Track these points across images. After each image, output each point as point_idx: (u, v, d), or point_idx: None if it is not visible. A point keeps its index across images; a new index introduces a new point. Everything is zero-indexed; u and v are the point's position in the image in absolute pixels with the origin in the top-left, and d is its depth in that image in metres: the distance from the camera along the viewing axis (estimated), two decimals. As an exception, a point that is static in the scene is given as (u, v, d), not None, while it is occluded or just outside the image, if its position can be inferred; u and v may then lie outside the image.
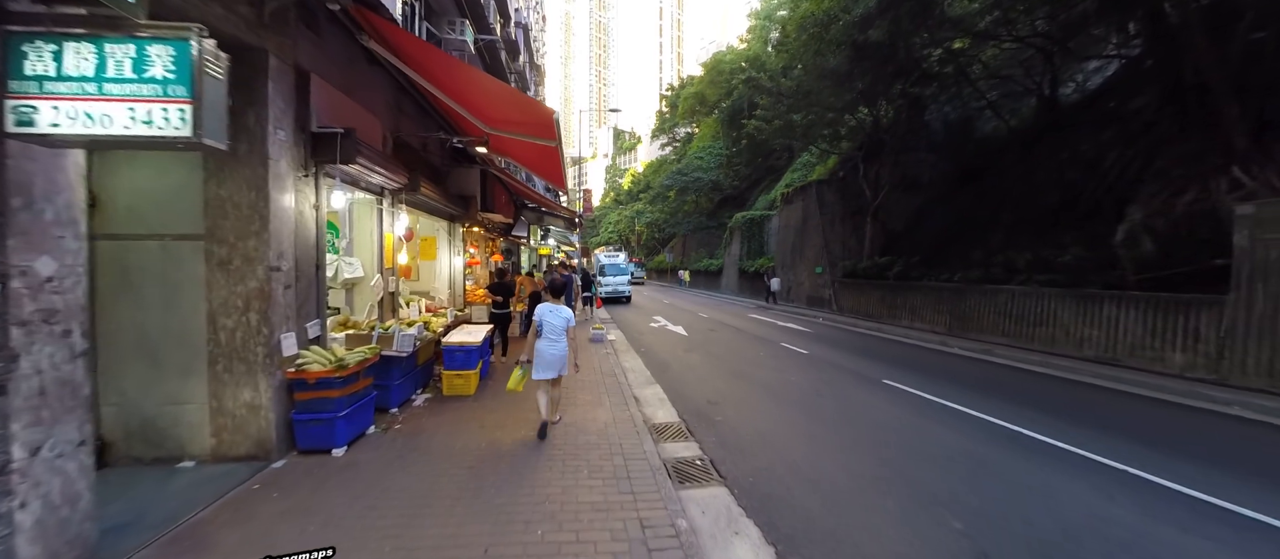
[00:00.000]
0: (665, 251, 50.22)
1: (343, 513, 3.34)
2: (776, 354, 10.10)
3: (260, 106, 3.99)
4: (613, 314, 17.70)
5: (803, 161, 30.07)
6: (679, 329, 13.77)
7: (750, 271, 26.78)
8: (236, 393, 4.02)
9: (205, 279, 4.00)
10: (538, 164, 8.94)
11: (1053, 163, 13.96)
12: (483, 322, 9.49)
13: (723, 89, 42.58)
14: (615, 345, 10.67)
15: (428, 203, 7.70)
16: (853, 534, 3.35)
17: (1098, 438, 5.14)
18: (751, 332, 13.45)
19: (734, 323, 15.36)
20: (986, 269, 12.42)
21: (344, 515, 3.31)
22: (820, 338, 12.43)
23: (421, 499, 3.52)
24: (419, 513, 3.35)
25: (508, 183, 11.28)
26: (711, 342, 11.73)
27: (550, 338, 4.86)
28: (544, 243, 22.81)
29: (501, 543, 3.02)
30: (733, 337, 12.56)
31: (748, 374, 8.24)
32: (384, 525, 3.18)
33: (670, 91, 65.27)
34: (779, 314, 18.37)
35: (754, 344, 11.36)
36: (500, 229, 13.18)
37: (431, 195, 7.26)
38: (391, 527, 3.17)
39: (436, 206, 8.17)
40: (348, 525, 3.19)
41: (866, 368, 8.74)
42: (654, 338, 12.33)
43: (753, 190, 40.91)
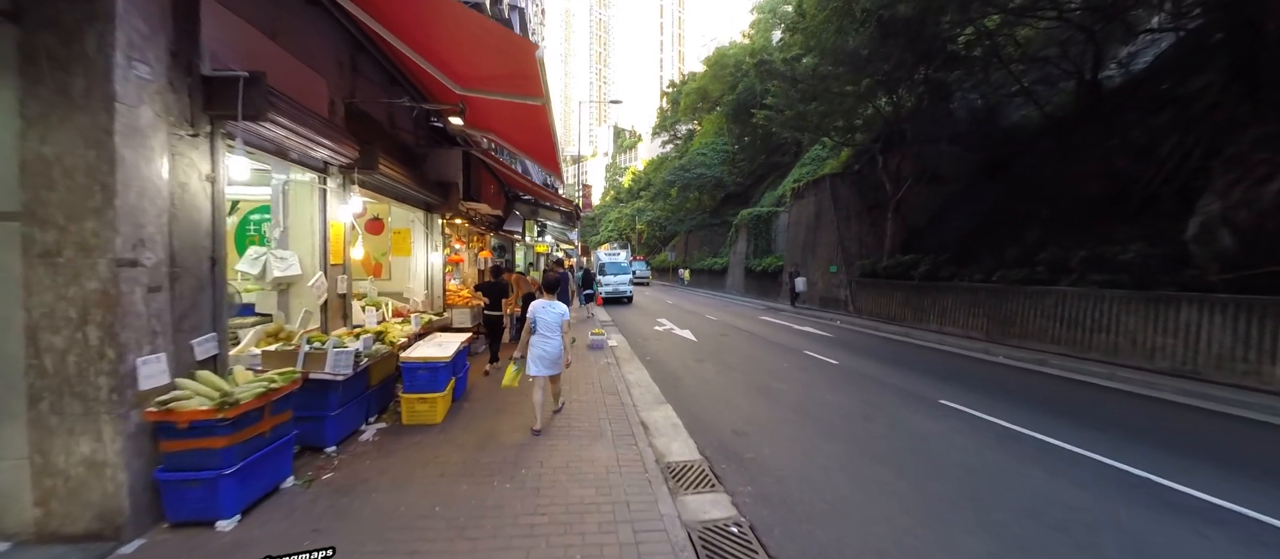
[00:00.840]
0: (667, 250, 48.98)
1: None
2: (803, 365, 8.84)
3: (104, 25, 2.73)
4: (614, 316, 16.44)
5: (812, 156, 28.83)
6: (686, 333, 12.52)
7: (758, 270, 25.53)
8: (71, 443, 2.76)
9: (21, 278, 2.74)
10: (526, 141, 7.69)
11: (1097, 151, 12.71)
12: (464, 327, 8.26)
13: (727, 83, 41.36)
14: (617, 353, 9.42)
15: (396, 187, 6.44)
16: None
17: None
18: (767, 337, 12.19)
19: (745, 326, 14.10)
20: (1029, 268, 11.17)
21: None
22: (845, 344, 11.17)
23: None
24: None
25: (496, 170, 10.02)
26: (725, 349, 10.47)
27: (544, 334, 4.79)
28: (541, 240, 21.55)
29: None
30: (747, 343, 11.30)
31: (774, 391, 6.98)
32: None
33: (672, 88, 64.06)
34: (792, 317, 17.11)
35: (774, 352, 10.11)
36: (490, 223, 11.92)
37: (397, 175, 6.00)
38: None
39: (408, 192, 6.91)
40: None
41: (912, 383, 7.47)
42: (660, 344, 11.07)
43: (757, 187, 39.70)
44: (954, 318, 12.76)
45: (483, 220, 11.26)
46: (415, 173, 7.11)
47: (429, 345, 5.40)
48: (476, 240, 12.01)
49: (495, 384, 6.42)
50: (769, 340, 11.58)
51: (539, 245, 21.67)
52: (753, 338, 12.01)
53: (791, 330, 13.44)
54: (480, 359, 7.97)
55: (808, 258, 20.68)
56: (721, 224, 39.05)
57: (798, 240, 21.75)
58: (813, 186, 20.77)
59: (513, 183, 11.52)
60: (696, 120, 54.55)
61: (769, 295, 24.21)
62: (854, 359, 9.32)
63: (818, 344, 11.03)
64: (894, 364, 8.96)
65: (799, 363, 8.97)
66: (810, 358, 9.41)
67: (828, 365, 8.75)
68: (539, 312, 4.80)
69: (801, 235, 21.38)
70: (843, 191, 19.13)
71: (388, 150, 5.86)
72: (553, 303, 4.88)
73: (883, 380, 7.62)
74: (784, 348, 10.57)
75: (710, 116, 49.95)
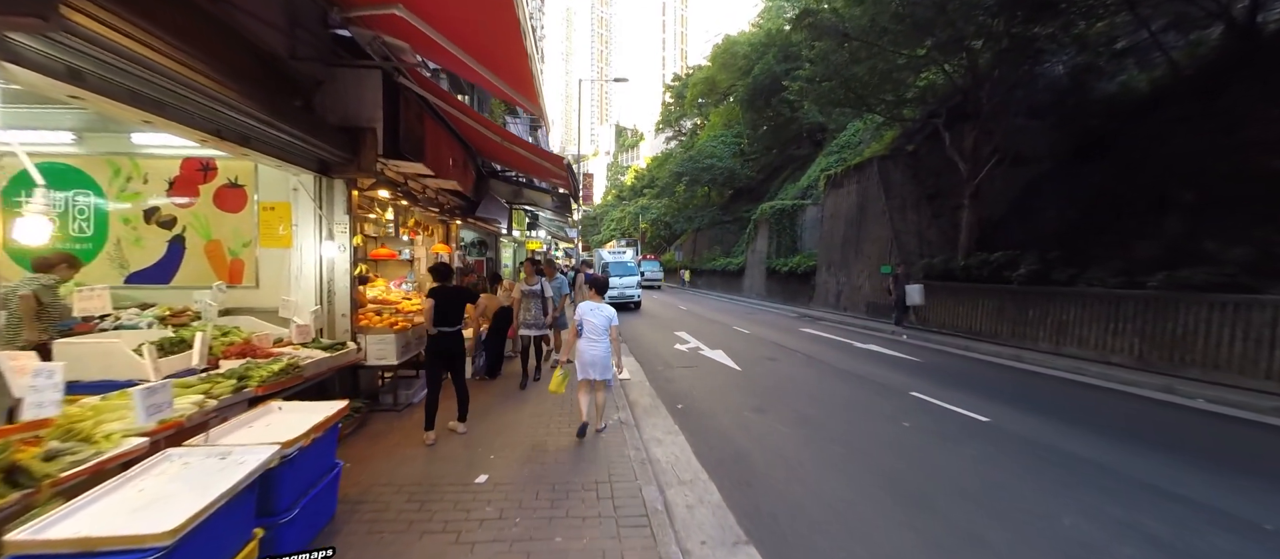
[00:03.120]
0: (673, 249, 45.76)
1: None
2: (932, 425, 5.59)
3: None
4: (622, 328, 13.21)
5: (841, 143, 25.60)
6: (719, 356, 9.28)
7: (783, 271, 22.30)
8: None
9: None
10: (493, 57, 4.52)
11: (1261, 118, 9.52)
12: (380, 363, 5.09)
13: (739, 70, 38.10)
14: (631, 396, 6.23)
15: (226, 116, 3.26)
16: None
17: None
18: (832, 361, 8.95)
19: (792, 343, 10.87)
20: (1208, 267, 7.94)
21: None
22: (951, 376, 7.93)
23: None
24: None
25: (454, 123, 6.81)
26: (786, 385, 7.24)
27: (591, 338, 4.65)
28: (532, 235, 18.35)
29: None
30: (812, 373, 8.07)
31: (928, 497, 3.75)
32: None
33: (676, 81, 60.93)
34: (845, 329, 13.85)
35: (865, 393, 6.86)
36: (457, 208, 8.72)
37: (201, 77, 2.80)
38: None
39: (263, 131, 3.73)
40: None
41: (1152, 468, 4.24)
42: (690, 376, 7.85)
43: (772, 181, 36.51)
44: (1079, 335, 9.52)
45: (441, 202, 8.06)
46: (284, 102, 3.92)
47: (173, 471, 2.16)
48: (432, 230, 8.81)
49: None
50: (841, 370, 8.34)
51: (531, 241, 18.47)
52: (814, 364, 8.77)
53: (855, 351, 10.20)
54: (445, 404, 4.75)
55: (850, 257, 17.44)
56: (733, 221, 35.86)
57: (835, 237, 18.52)
58: (855, 173, 17.54)
59: (489, 150, 8.30)
60: (703, 114, 51.50)
61: (797, 300, 20.97)
62: (999, 409, 6.08)
63: (915, 376, 7.79)
64: (1067, 419, 5.72)
65: (921, 420, 5.73)
66: (930, 407, 6.17)
67: (973, 424, 5.51)
68: (586, 313, 4.68)
69: (840, 230, 18.14)
70: (895, 177, 15.90)
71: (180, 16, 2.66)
72: (601, 305, 4.74)
73: (1105, 464, 4.38)
74: (873, 385, 7.32)
75: (718, 110, 46.93)
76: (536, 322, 6.69)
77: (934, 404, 6.19)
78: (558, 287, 7.35)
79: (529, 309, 6.66)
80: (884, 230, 15.57)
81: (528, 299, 6.65)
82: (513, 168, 8.62)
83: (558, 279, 7.49)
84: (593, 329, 4.66)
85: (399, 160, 5.27)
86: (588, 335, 4.66)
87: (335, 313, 5.08)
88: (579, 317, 4.70)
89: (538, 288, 6.67)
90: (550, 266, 10.34)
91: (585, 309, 4.71)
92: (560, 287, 7.54)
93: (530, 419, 5.28)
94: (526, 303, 6.65)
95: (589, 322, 4.66)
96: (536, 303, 6.68)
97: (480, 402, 5.54)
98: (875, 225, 16.05)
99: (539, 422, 5.20)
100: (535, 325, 6.70)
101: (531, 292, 6.64)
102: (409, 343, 5.55)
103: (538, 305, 6.68)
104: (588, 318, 4.66)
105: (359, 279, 5.49)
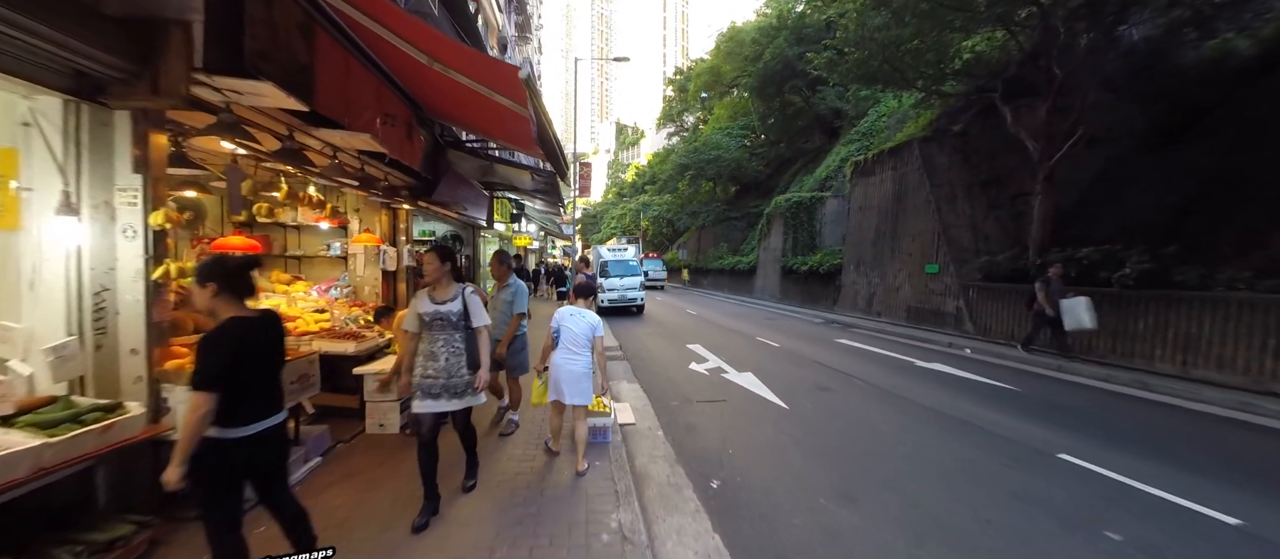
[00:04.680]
0: (675, 248, 43.57)
1: None
2: (1152, 531, 3.37)
3: None
4: (621, 338, 11.03)
5: (861, 131, 23.39)
6: (751, 382, 7.07)
7: (801, 271, 20.07)
8: None
9: None
10: None
11: None
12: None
13: (746, 57, 35.80)
14: (638, 463, 4.07)
15: None
16: None
17: None
18: (909, 393, 6.72)
19: (833, 360, 8.66)
20: None
21: None
22: (1094, 420, 5.72)
23: None
24: None
25: (384, 55, 4.60)
26: (866, 438, 5.02)
27: (569, 350, 3.85)
28: (520, 231, 16.14)
29: None
30: (896, 417, 5.85)
31: None
32: None
33: (679, 75, 58.66)
34: (890, 340, 11.64)
35: (985, 452, 4.64)
36: (404, 189, 6.51)
37: None
38: None
39: None
40: None
41: None
42: (718, 417, 5.63)
43: (780, 175, 34.34)
44: (1218, 354, 7.30)
45: (389, 181, 5.84)
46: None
47: None
48: (384, 220, 6.62)
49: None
50: (926, 408, 6.12)
51: (518, 237, 16.26)
52: (884, 398, 6.56)
53: (922, 374, 7.99)
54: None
55: (883, 255, 15.22)
56: (741, 217, 33.70)
57: (864, 231, 16.30)
58: (889, 158, 15.31)
59: (439, 104, 6.08)
60: (707, 108, 49.35)
61: (819, 303, 18.77)
62: (1232, 495, 3.87)
63: (1035, 419, 5.57)
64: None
65: (1127, 524, 3.51)
66: (1118, 489, 3.95)
67: (1227, 534, 3.30)
68: (565, 320, 3.92)
69: (871, 224, 15.92)
70: (941, 161, 13.68)
71: None
72: (583, 311, 3.99)
73: None
74: (993, 438, 5.10)
75: (723, 102, 44.77)
76: (450, 376, 3.14)
77: (1120, 483, 3.97)
78: (512, 295, 4.68)
79: (433, 353, 3.16)
80: (928, 223, 13.35)
81: (433, 330, 3.18)
82: (468, 125, 6.37)
83: (513, 284, 4.71)
84: (572, 339, 3.86)
85: (247, 81, 3.05)
86: (566, 346, 3.87)
87: (119, 348, 2.87)
88: (556, 323, 3.97)
89: (457, 305, 3.21)
90: (584, 263, 8.13)
91: (564, 315, 3.98)
92: (515, 295, 4.67)
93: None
94: (430, 337, 3.18)
95: (568, 330, 3.88)
96: (450, 338, 3.19)
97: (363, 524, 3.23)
98: (917, 217, 13.84)
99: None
100: (447, 386, 3.13)
101: (439, 315, 3.18)
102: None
103: (452, 342, 3.19)
104: (566, 325, 3.91)
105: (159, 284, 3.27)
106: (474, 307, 3.27)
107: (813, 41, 27.42)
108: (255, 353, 2.13)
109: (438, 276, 3.24)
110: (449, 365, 3.16)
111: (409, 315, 3.28)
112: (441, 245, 3.22)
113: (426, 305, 3.20)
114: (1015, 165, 12.42)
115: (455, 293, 3.26)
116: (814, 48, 25.26)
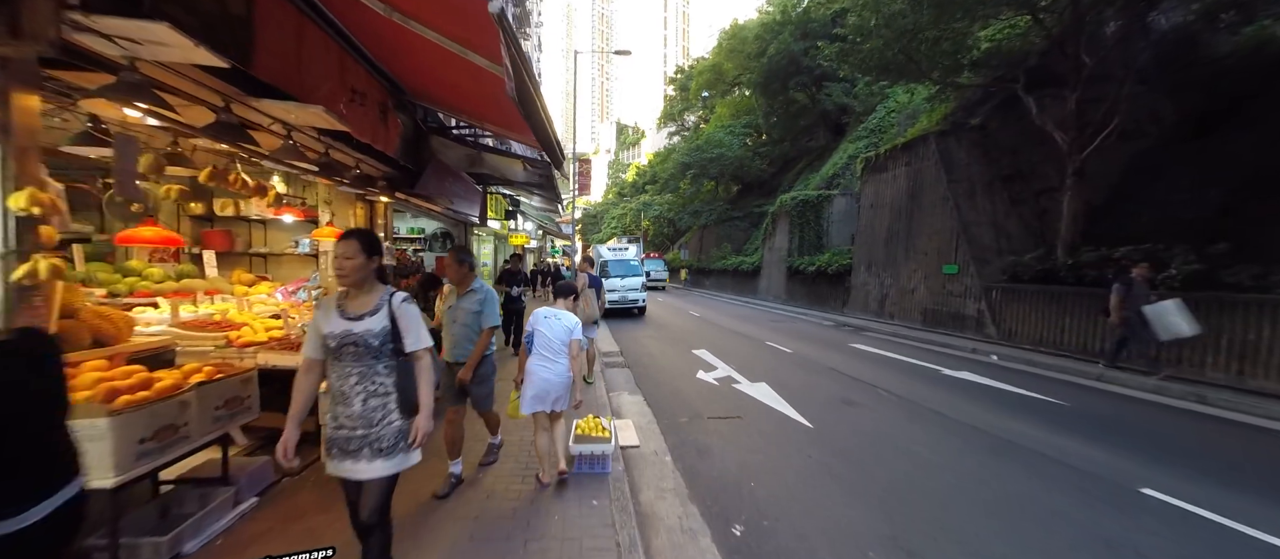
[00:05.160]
0: (677, 248, 42.90)
1: None
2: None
3: None
4: (622, 342, 10.35)
5: (869, 128, 22.70)
6: (766, 394, 6.38)
7: (809, 271, 19.38)
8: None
9: None
10: None
11: None
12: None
13: (750, 52, 35.09)
14: (643, 500, 3.38)
15: None
16: None
17: None
18: (944, 408, 6.03)
19: (853, 369, 7.97)
20: None
21: None
22: (1169, 443, 5.04)
23: None
24: None
25: (329, 9, 3.92)
26: (909, 467, 4.33)
27: (544, 355, 3.46)
28: (516, 229, 15.47)
29: None
30: (940, 440, 5.16)
31: None
32: None
33: (680, 74, 58.02)
34: (907, 345, 10.96)
35: (1056, 488, 3.94)
36: (379, 179, 5.83)
37: None
38: None
39: None
40: None
41: None
42: (733, 438, 4.95)
43: (784, 173, 33.69)
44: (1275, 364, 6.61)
45: (359, 169, 5.17)
46: None
47: None
48: (357, 213, 5.96)
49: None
50: (968, 425, 5.44)
51: (515, 236, 15.58)
52: (919, 413, 5.87)
53: (952, 384, 7.31)
54: None
55: (896, 255, 14.54)
56: (743, 217, 33.04)
57: (876, 230, 15.61)
58: (903, 153, 14.62)
59: (416, 80, 5.40)
60: (708, 107, 48.72)
61: (827, 304, 18.09)
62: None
63: (1097, 440, 4.89)
64: None
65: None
66: (1238, 541, 3.27)
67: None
68: (539, 323, 3.52)
69: (884, 223, 15.23)
70: (959, 156, 12.99)
71: None
72: (560, 313, 3.59)
73: None
74: (1061, 468, 4.41)
75: (725, 101, 44.14)
76: (371, 426, 2.09)
77: (1227, 529, 3.28)
78: (480, 304, 3.58)
79: (344, 393, 2.10)
80: (946, 221, 12.67)
81: (343, 360, 2.12)
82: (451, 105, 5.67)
83: (479, 290, 3.61)
84: (546, 345, 3.50)
85: (142, 24, 2.37)
86: (540, 352, 3.50)
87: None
88: (530, 327, 3.58)
89: (379, 320, 2.12)
90: (588, 263, 7.44)
91: (539, 317, 3.60)
92: (484, 303, 3.57)
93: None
94: (339, 370, 2.13)
95: (541, 334, 3.51)
96: (369, 371, 2.12)
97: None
98: (933, 215, 13.15)
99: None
100: (368, 440, 2.08)
101: (351, 338, 2.10)
102: (191, 421, 2.66)
103: (372, 377, 2.12)
104: (540, 328, 3.54)
105: (25, 288, 2.60)
106: (408, 323, 2.17)
107: (818, 36, 26.78)
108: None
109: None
110: (368, 412, 2.08)
111: (308, 338, 2.22)
112: (360, 231, 2.24)
113: (332, 322, 2.11)
114: (1039, 159, 11.75)
115: (378, 303, 2.15)
116: (820, 42, 24.69)
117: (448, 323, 3.68)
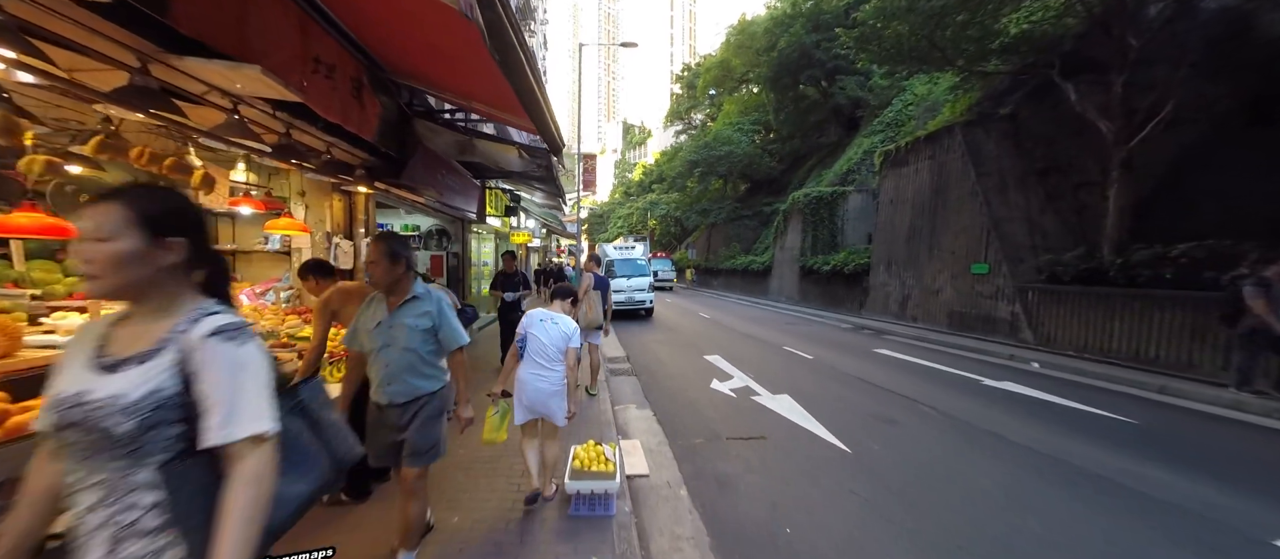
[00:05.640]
0: (684, 247, 42.16)
1: None
2: None
3: None
4: (629, 347, 9.66)
5: (886, 121, 21.85)
6: (790, 408, 5.67)
7: (824, 271, 18.59)
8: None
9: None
10: None
11: None
12: None
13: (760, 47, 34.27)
14: (655, 543, 2.63)
15: None
16: None
17: None
18: (997, 429, 5.28)
19: (882, 378, 7.22)
20: None
21: None
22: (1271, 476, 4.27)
23: None
24: None
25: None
26: (974, 507, 3.60)
27: (537, 362, 3.04)
28: (518, 227, 14.83)
29: None
30: (1005, 470, 4.42)
31: None
32: None
33: (686, 71, 57.29)
34: (934, 351, 10.19)
35: (1158, 531, 3.20)
36: (360, 167, 5.18)
37: None
38: None
39: None
40: None
41: None
42: (758, 466, 4.24)
43: (794, 171, 32.89)
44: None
45: (304, 149, 4.52)
46: None
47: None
48: (334, 205, 5.32)
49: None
50: (1023, 447, 4.70)
51: (517, 234, 14.95)
52: (969, 434, 5.13)
53: (996, 396, 6.55)
54: None
55: (919, 254, 13.74)
56: (753, 215, 32.30)
57: (896, 228, 14.81)
58: (926, 146, 13.81)
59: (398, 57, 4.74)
60: (716, 105, 47.98)
61: (843, 306, 17.31)
62: None
63: (1186, 474, 4.13)
64: None
65: None
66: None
67: None
68: (532, 327, 3.10)
69: (905, 220, 14.43)
70: (988, 148, 12.18)
71: None
72: (557, 316, 3.18)
73: None
74: (1147, 501, 3.67)
75: (732, 98, 43.38)
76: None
77: None
78: (433, 320, 2.49)
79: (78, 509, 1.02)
80: (975, 217, 11.86)
81: (77, 453, 1.02)
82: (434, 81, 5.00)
83: (426, 298, 2.49)
84: (540, 351, 3.01)
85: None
86: (532, 359, 3.03)
87: None
88: (522, 330, 3.11)
89: (154, 375, 1.03)
90: (595, 262, 6.76)
91: (532, 320, 3.12)
92: (439, 317, 2.48)
93: None
94: (69, 469, 1.05)
95: (535, 339, 3.03)
96: (121, 479, 1.01)
97: None
98: (960, 211, 12.35)
99: None
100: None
101: (85, 414, 1.00)
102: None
103: (121, 490, 1.01)
104: (533, 333, 3.06)
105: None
106: (217, 383, 1.04)
107: (830, 27, 25.93)
108: None
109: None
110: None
111: (43, 408, 1.07)
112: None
113: (60, 385, 1.05)
114: (1077, 150, 10.93)
115: (158, 342, 1.06)
116: (832, 34, 23.83)
117: (377, 348, 2.46)
